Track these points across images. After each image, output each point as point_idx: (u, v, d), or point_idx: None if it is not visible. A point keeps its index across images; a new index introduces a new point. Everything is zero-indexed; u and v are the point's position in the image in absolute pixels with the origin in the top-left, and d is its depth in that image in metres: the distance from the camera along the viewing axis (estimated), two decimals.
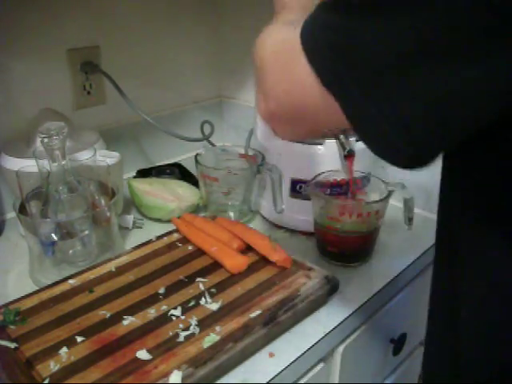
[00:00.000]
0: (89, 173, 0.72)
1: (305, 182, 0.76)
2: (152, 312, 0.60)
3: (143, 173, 0.99)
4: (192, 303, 0.62)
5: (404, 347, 0.83)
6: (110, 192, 0.74)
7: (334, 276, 0.66)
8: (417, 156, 0.36)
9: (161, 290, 0.64)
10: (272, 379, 0.55)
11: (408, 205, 0.75)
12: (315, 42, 0.37)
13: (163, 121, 0.99)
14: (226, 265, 0.68)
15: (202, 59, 1.16)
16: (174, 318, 0.59)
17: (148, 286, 0.65)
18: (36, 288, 0.65)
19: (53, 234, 0.68)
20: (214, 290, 0.64)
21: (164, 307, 0.61)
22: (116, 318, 0.59)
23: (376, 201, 0.71)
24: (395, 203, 0.83)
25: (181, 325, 0.58)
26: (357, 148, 0.59)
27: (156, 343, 0.55)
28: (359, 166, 0.69)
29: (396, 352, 0.82)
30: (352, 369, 0.73)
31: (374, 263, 0.76)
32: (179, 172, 1.00)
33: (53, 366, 0.52)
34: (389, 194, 0.71)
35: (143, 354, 0.53)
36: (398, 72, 0.33)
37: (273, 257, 0.69)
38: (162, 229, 0.80)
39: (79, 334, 0.56)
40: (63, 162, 0.66)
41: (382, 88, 0.34)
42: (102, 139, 0.86)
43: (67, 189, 0.68)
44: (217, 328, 0.57)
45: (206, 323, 0.58)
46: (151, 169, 1.01)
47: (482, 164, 0.39)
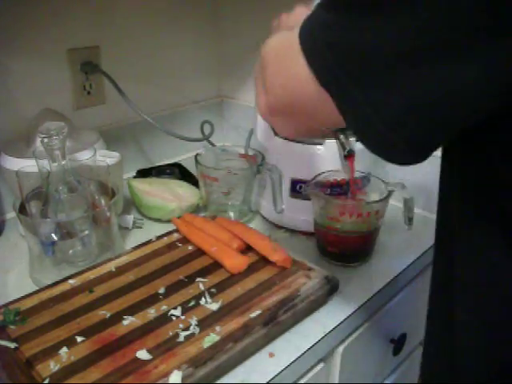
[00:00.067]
0: (89, 173, 0.72)
1: (305, 182, 0.76)
2: (152, 312, 0.60)
3: (143, 173, 0.99)
4: (192, 303, 0.62)
5: (404, 347, 0.83)
6: (110, 192, 0.74)
7: (334, 276, 0.66)
8: (413, 153, 0.36)
9: (161, 290, 0.64)
10: (272, 379, 0.55)
11: (408, 205, 0.75)
12: (313, 41, 0.37)
13: (163, 121, 0.99)
14: (226, 265, 0.68)
15: (202, 59, 1.16)
16: (174, 318, 0.59)
17: (148, 286, 0.65)
18: (36, 288, 0.65)
19: (53, 234, 0.68)
20: (214, 290, 0.64)
21: (164, 307, 0.61)
22: (116, 318, 0.59)
23: (376, 201, 0.71)
24: (395, 203, 0.83)
25: (181, 325, 0.58)
26: (357, 148, 0.59)
27: (156, 343, 0.55)
28: (359, 166, 0.69)
29: (396, 352, 0.82)
30: (352, 369, 0.73)
31: (374, 263, 0.76)
32: (179, 172, 1.00)
33: (53, 366, 0.52)
34: (389, 194, 0.71)
35: (143, 354, 0.53)
36: (396, 71, 0.33)
37: (273, 257, 0.69)
38: (162, 229, 0.80)
39: (79, 334, 0.56)
40: (63, 162, 0.66)
41: (379, 87, 0.34)
42: (102, 139, 0.86)
43: (67, 189, 0.68)
44: (217, 328, 0.57)
45: (206, 323, 0.58)
46: (151, 169, 1.01)
47: (481, 164, 0.39)
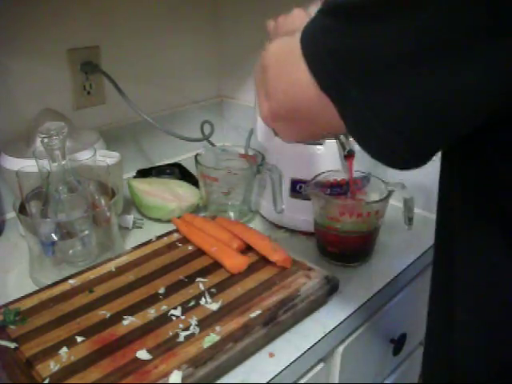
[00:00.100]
0: (89, 173, 0.72)
1: (305, 182, 0.76)
2: (152, 312, 0.60)
3: (143, 173, 0.99)
4: (192, 303, 0.62)
5: (404, 347, 0.83)
6: (110, 192, 0.74)
7: (334, 276, 0.66)
8: (413, 157, 0.36)
9: (161, 290, 0.64)
10: (272, 379, 0.55)
11: (408, 205, 0.75)
12: (314, 46, 0.37)
13: (163, 121, 0.99)
14: (226, 265, 0.68)
15: (202, 59, 1.16)
16: (174, 318, 0.59)
17: (148, 286, 0.65)
18: (36, 288, 0.65)
19: (53, 234, 0.68)
20: (214, 290, 0.64)
21: (164, 307, 0.61)
22: (116, 318, 0.59)
23: (376, 201, 0.71)
24: (395, 203, 0.83)
25: (181, 325, 0.58)
26: (357, 148, 0.59)
27: (156, 343, 0.55)
28: (359, 166, 0.69)
29: (396, 352, 0.82)
30: (352, 369, 0.73)
31: (374, 263, 0.76)
32: (179, 172, 1.00)
33: (53, 366, 0.52)
34: (389, 194, 0.71)
35: (143, 354, 0.53)
36: (395, 75, 0.33)
37: (273, 257, 0.68)
38: (162, 229, 0.80)
39: (79, 334, 0.56)
40: (63, 162, 0.66)
41: (378, 90, 0.34)
42: (102, 139, 0.86)
43: (67, 189, 0.68)
44: (217, 328, 0.57)
45: (206, 323, 0.58)
46: (151, 169, 1.01)
47: (481, 163, 0.39)
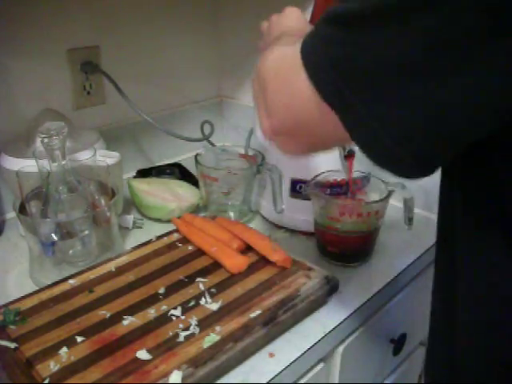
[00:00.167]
0: (89, 173, 0.72)
1: (305, 182, 0.76)
2: (152, 312, 0.60)
3: (143, 173, 0.99)
4: (192, 303, 0.62)
5: (404, 347, 0.83)
6: (110, 192, 0.74)
7: (334, 276, 0.66)
8: (420, 167, 0.36)
9: (161, 290, 0.64)
10: (272, 379, 0.55)
11: (408, 205, 0.75)
12: (315, 57, 0.37)
13: (163, 121, 0.99)
14: (226, 265, 0.68)
15: (202, 59, 1.16)
16: (174, 318, 0.59)
17: (148, 286, 0.65)
18: (36, 288, 0.65)
19: (53, 234, 0.68)
20: (214, 290, 0.64)
21: (164, 307, 0.61)
22: (116, 318, 0.59)
23: (376, 201, 0.71)
24: (395, 203, 0.83)
25: (181, 325, 0.58)
26: (357, 148, 0.59)
27: (156, 343, 0.55)
28: (359, 166, 0.69)
29: (396, 352, 0.82)
30: (352, 369, 0.73)
31: (374, 263, 0.76)
32: (179, 172, 1.00)
33: (53, 366, 0.52)
34: (389, 194, 0.71)
35: (143, 354, 0.53)
36: (400, 83, 0.33)
37: (273, 257, 0.68)
38: (162, 229, 0.80)
39: (79, 334, 0.56)
40: (63, 162, 0.66)
41: (384, 100, 0.34)
42: (102, 139, 0.86)
43: (67, 189, 0.68)
44: (217, 328, 0.57)
45: (206, 323, 0.58)
46: (151, 169, 1.01)
47: (481, 165, 0.39)
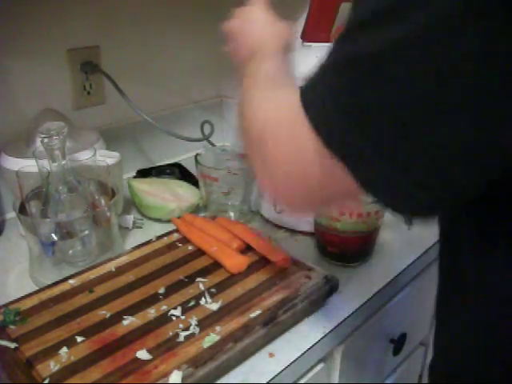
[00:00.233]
0: (89, 173, 0.72)
1: None
2: (152, 312, 0.60)
3: (143, 173, 0.99)
4: (192, 303, 0.62)
5: (404, 347, 0.83)
6: (110, 192, 0.74)
7: (334, 276, 0.66)
8: (438, 208, 0.35)
9: (161, 290, 0.64)
10: (272, 379, 0.55)
11: None
12: (320, 108, 0.34)
13: (163, 121, 0.99)
14: (226, 265, 0.68)
15: (202, 59, 1.16)
16: (174, 318, 0.59)
17: (148, 286, 0.65)
18: (36, 288, 0.65)
19: (53, 234, 0.68)
20: (214, 290, 0.64)
21: (164, 307, 0.61)
22: (116, 318, 0.59)
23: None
24: None
25: (181, 325, 0.58)
26: None
27: (156, 343, 0.55)
28: None
29: (396, 352, 0.82)
30: (352, 369, 0.73)
31: (374, 263, 0.76)
32: (179, 172, 1.00)
33: (53, 366, 0.52)
34: None
35: (143, 354, 0.53)
36: (414, 132, 0.31)
37: (273, 257, 0.68)
38: (162, 229, 0.80)
39: (79, 334, 0.56)
40: (63, 162, 0.66)
41: (401, 150, 0.32)
42: (102, 139, 0.86)
43: (67, 189, 0.68)
44: (217, 328, 0.57)
45: (206, 323, 0.58)
46: (151, 169, 1.01)
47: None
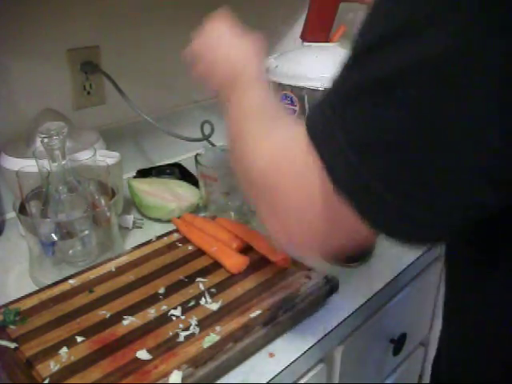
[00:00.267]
0: (89, 173, 0.72)
1: None
2: (152, 312, 0.60)
3: (143, 173, 0.99)
4: (192, 303, 0.62)
5: (404, 347, 0.83)
6: (110, 192, 0.74)
7: (334, 276, 0.66)
8: (451, 236, 0.35)
9: (161, 290, 0.64)
10: (272, 379, 0.55)
11: None
12: (331, 147, 0.33)
13: (163, 121, 0.99)
14: (226, 265, 0.68)
15: None
16: (174, 318, 0.59)
17: (148, 286, 0.65)
18: (36, 288, 0.65)
19: (53, 234, 0.68)
20: (214, 290, 0.64)
21: (164, 307, 0.61)
22: (116, 318, 0.59)
23: None
24: None
25: (181, 325, 0.58)
26: None
27: (156, 343, 0.55)
28: None
29: (396, 352, 0.82)
30: (352, 369, 0.73)
31: (374, 263, 0.76)
32: (179, 172, 1.00)
33: (53, 366, 0.52)
34: None
35: (143, 354, 0.53)
36: (434, 163, 0.30)
37: (273, 257, 0.68)
38: (162, 229, 0.80)
39: (79, 334, 0.56)
40: (63, 162, 0.66)
41: (426, 188, 0.31)
42: (102, 139, 0.86)
43: (67, 189, 0.68)
44: (217, 328, 0.57)
45: (206, 323, 0.58)
46: (151, 169, 1.01)
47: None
